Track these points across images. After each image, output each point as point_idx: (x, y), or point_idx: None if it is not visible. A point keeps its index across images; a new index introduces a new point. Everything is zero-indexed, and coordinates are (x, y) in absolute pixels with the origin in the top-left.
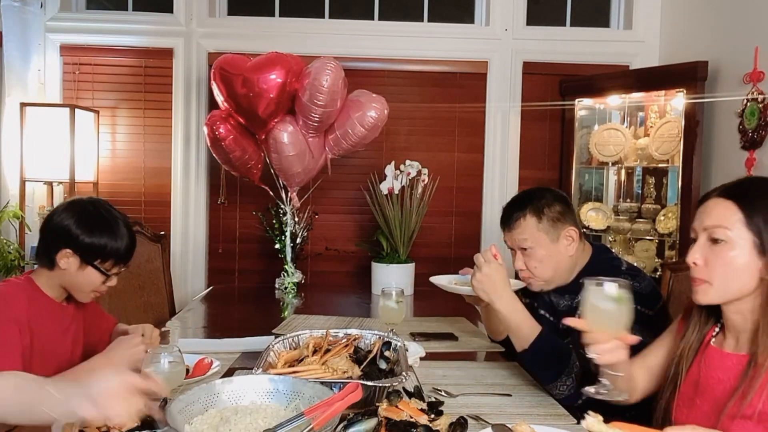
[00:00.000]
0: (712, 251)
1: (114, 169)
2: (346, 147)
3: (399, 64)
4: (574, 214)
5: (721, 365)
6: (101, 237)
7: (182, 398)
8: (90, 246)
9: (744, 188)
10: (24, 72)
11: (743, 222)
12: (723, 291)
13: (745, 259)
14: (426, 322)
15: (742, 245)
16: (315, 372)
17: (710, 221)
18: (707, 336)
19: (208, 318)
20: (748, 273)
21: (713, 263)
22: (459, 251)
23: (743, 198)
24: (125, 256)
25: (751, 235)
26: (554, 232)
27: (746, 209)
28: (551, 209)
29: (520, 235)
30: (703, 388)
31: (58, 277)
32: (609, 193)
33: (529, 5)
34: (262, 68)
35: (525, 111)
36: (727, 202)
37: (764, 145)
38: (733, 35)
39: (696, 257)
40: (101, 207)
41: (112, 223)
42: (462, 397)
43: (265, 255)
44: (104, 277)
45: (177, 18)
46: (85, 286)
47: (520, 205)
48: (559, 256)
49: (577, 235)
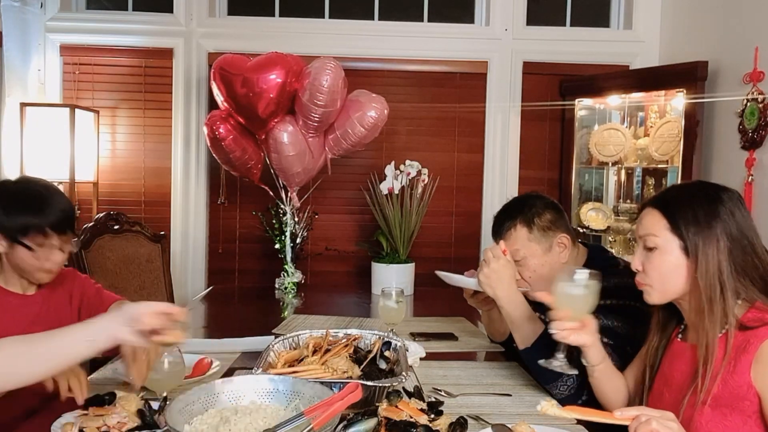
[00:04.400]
0: (647, 258)
1: (114, 169)
2: (346, 147)
3: (399, 64)
4: (566, 220)
5: (682, 357)
6: (19, 212)
7: (182, 398)
8: (10, 223)
9: (668, 196)
10: (24, 72)
11: (668, 228)
12: (662, 292)
13: (675, 262)
14: (426, 322)
15: (670, 250)
16: (315, 372)
17: (642, 230)
18: (673, 333)
19: (208, 318)
20: (680, 273)
21: (649, 268)
22: (459, 251)
23: (666, 206)
24: (52, 227)
25: (676, 239)
26: (546, 241)
27: (669, 216)
28: (542, 218)
29: (512, 247)
30: (670, 381)
31: (6, 264)
32: (609, 194)
33: (529, 5)
34: (262, 68)
35: (525, 111)
36: (654, 210)
37: (764, 145)
38: (733, 35)
39: (636, 264)
40: (26, 184)
41: (32, 197)
42: (462, 397)
43: (265, 255)
44: (33, 252)
45: (177, 18)
46: (27, 266)
47: (510, 214)
48: (553, 265)
49: (570, 242)
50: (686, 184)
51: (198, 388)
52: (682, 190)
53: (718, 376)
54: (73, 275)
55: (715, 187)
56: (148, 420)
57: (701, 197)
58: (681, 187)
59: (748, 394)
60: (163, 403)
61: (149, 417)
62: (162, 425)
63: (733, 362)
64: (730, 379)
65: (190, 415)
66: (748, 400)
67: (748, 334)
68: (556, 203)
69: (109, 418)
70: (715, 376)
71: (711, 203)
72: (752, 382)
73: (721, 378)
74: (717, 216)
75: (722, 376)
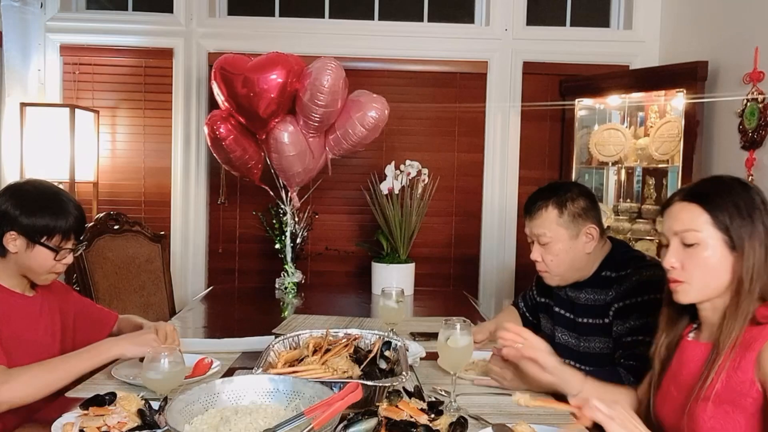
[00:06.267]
0: (687, 254)
1: (114, 169)
2: (347, 147)
3: (399, 64)
4: (599, 212)
5: (692, 356)
6: (42, 213)
7: (182, 398)
8: (32, 224)
9: (704, 189)
10: (24, 72)
11: (710, 222)
12: (702, 289)
13: (719, 257)
14: (426, 322)
15: (713, 245)
16: (315, 372)
17: (679, 226)
18: (684, 332)
19: (208, 318)
20: (723, 269)
21: (689, 265)
22: (459, 251)
23: (706, 199)
24: (72, 230)
25: (719, 233)
26: (574, 228)
27: (711, 210)
28: (574, 204)
29: (540, 228)
30: (678, 379)
31: (12, 263)
32: (609, 193)
33: (529, 5)
34: (262, 68)
35: (525, 111)
36: (691, 205)
37: (764, 145)
38: (733, 35)
39: (672, 261)
40: (39, 185)
41: (51, 199)
42: (462, 397)
43: (265, 255)
44: (55, 253)
45: (177, 18)
46: (38, 267)
47: (544, 195)
48: (576, 253)
49: (598, 233)
50: (719, 177)
51: (198, 388)
52: (718, 183)
53: (723, 372)
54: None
55: (741, 179)
56: (148, 420)
57: (739, 189)
58: (715, 180)
59: (751, 391)
60: (163, 403)
61: (149, 417)
62: (162, 425)
63: (738, 358)
64: (733, 374)
65: (191, 415)
66: (751, 397)
67: (756, 331)
68: (592, 193)
69: (109, 418)
70: (720, 372)
71: (748, 195)
72: (755, 378)
73: (725, 373)
74: (756, 207)
75: (726, 371)
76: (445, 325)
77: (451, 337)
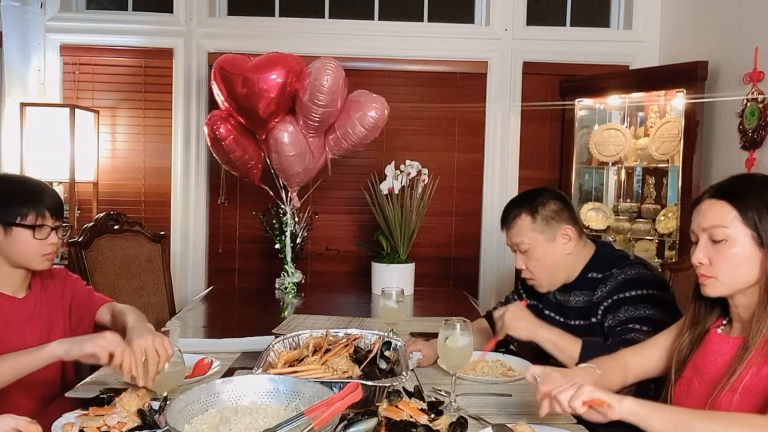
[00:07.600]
0: (716, 250)
1: (114, 169)
2: (347, 147)
3: (399, 64)
4: (573, 212)
5: (719, 349)
6: (10, 198)
7: (182, 398)
8: (3, 209)
9: (734, 186)
10: (24, 72)
11: (739, 219)
12: (730, 284)
13: (747, 253)
14: (426, 322)
15: (742, 241)
16: (315, 372)
17: (708, 222)
18: (713, 326)
19: (208, 318)
20: (752, 265)
21: (718, 261)
22: (459, 251)
23: (735, 196)
24: (45, 206)
25: (748, 230)
26: (550, 231)
27: (739, 206)
28: (546, 208)
29: (517, 236)
30: (701, 370)
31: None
32: (609, 193)
33: (529, 5)
34: (262, 68)
35: (525, 111)
36: (720, 202)
37: (764, 145)
38: (733, 35)
39: (701, 257)
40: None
41: (18, 184)
42: (462, 397)
43: (265, 255)
44: (32, 231)
45: (177, 18)
46: (22, 251)
47: (517, 204)
48: (557, 255)
49: (575, 234)
50: (749, 175)
51: (198, 388)
52: (747, 180)
53: (753, 366)
54: (65, 274)
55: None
56: (148, 420)
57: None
58: (745, 177)
59: None
60: (163, 403)
61: (149, 417)
62: (162, 425)
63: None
64: (763, 368)
65: (191, 415)
66: None
67: None
68: (563, 195)
69: (109, 418)
70: (750, 366)
71: None
72: None
73: (755, 367)
74: None
75: (757, 365)
76: (445, 325)
77: (451, 337)
